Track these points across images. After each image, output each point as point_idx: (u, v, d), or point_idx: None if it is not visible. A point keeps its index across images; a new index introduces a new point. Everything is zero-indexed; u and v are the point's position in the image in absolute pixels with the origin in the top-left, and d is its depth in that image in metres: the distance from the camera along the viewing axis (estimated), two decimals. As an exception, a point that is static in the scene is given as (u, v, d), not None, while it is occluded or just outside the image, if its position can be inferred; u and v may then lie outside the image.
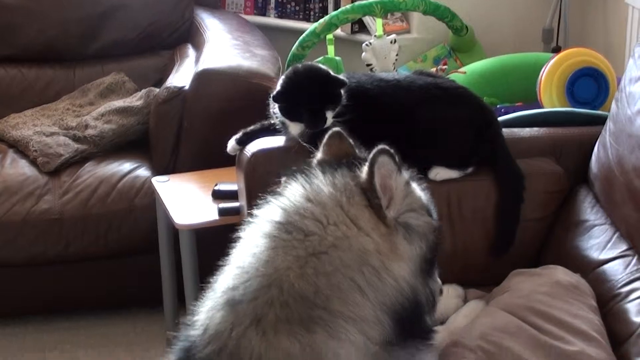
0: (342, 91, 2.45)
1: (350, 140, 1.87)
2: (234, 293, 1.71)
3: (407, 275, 1.75)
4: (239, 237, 1.81)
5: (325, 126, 2.41)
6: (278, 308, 1.67)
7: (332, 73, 2.48)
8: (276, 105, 2.49)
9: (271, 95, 2.49)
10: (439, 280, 1.88)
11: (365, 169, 1.75)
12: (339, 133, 1.88)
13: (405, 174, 1.81)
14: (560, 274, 2.28)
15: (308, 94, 2.45)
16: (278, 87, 2.49)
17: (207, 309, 1.76)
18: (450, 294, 2.29)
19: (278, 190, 1.81)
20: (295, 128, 2.47)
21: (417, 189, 1.85)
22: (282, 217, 1.74)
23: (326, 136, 1.88)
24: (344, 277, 1.69)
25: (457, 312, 2.28)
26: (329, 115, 2.42)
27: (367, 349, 1.70)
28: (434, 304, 1.85)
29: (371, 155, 1.74)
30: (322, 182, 1.77)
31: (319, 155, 1.88)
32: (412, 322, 1.77)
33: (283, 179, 2.47)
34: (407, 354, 1.79)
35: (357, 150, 1.86)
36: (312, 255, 1.69)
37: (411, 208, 1.81)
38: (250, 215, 1.83)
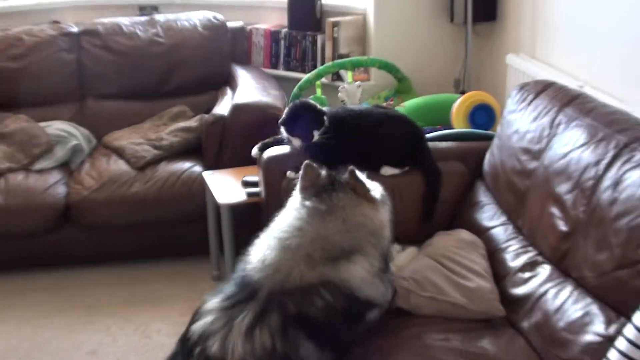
0: (325, 118, 2.45)
1: (316, 166, 1.93)
2: (288, 242, 1.79)
3: (389, 234, 1.91)
4: (282, 212, 1.90)
5: (313, 141, 2.41)
6: (324, 252, 1.77)
7: (318, 106, 2.49)
8: (282, 127, 2.50)
9: (279, 121, 2.49)
10: None
11: (350, 180, 1.87)
12: (310, 164, 1.94)
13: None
14: (464, 234, 2.31)
15: (302, 119, 2.45)
16: (283, 116, 2.49)
17: (262, 251, 1.81)
18: (410, 253, 2.30)
19: (314, 198, 1.87)
20: (295, 141, 2.47)
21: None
22: (327, 208, 1.83)
23: (302, 168, 1.93)
24: (367, 240, 1.84)
25: (401, 253, 2.28)
26: (316, 133, 2.43)
27: (371, 269, 1.82)
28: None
29: (351, 172, 1.88)
30: (338, 195, 1.86)
31: (302, 181, 1.92)
32: (387, 257, 1.91)
33: (288, 173, 2.48)
34: (389, 276, 1.94)
35: (322, 171, 1.93)
36: (348, 231, 1.82)
37: (374, 186, 1.94)
38: (285, 202, 1.93)
